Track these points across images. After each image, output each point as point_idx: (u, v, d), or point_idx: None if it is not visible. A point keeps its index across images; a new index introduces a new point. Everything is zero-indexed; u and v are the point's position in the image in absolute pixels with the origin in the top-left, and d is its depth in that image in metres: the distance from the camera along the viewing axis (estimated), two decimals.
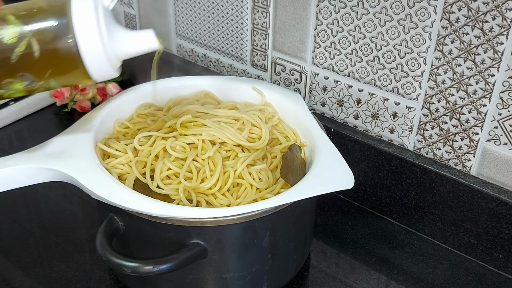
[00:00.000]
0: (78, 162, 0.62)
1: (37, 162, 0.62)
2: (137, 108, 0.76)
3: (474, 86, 0.69)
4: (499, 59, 0.66)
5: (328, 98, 0.83)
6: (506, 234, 0.71)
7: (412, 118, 0.76)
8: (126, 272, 0.56)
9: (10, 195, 0.65)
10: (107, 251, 0.57)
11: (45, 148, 0.64)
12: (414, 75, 0.73)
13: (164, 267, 0.56)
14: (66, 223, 0.79)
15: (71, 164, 0.62)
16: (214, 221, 0.57)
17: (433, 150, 0.75)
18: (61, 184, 0.84)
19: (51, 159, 0.62)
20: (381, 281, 0.72)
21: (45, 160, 0.62)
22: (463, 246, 0.75)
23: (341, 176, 0.63)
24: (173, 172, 0.65)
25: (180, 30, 0.97)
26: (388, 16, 0.72)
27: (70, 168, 0.61)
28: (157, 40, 0.58)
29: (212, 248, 0.60)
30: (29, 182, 0.62)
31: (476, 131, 0.71)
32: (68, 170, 0.61)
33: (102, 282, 0.70)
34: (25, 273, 0.71)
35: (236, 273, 0.63)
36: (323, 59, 0.81)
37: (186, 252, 0.58)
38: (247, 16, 0.86)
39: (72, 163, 0.62)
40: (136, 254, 0.64)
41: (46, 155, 0.63)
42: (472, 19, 0.66)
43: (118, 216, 0.61)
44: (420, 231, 0.79)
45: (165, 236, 0.60)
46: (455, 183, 0.73)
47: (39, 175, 0.62)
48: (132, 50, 0.58)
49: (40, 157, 0.63)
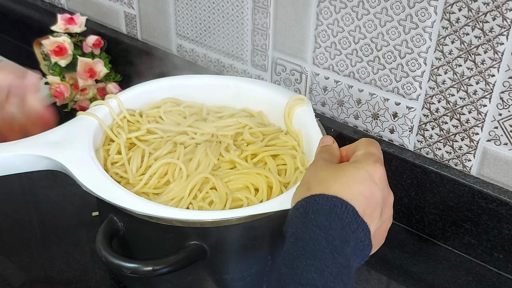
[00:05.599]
0: (74, 153, 0.63)
1: (37, 150, 0.63)
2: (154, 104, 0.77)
3: (474, 86, 0.69)
4: (499, 59, 0.66)
5: (329, 98, 0.83)
6: (506, 234, 0.71)
7: (413, 118, 0.76)
8: (126, 273, 0.56)
9: (10, 195, 0.65)
10: (107, 252, 0.57)
11: (47, 137, 0.65)
12: (415, 75, 0.73)
13: (164, 268, 0.56)
14: (66, 223, 0.78)
15: (67, 155, 0.63)
16: (213, 222, 0.57)
17: (434, 150, 0.75)
18: (61, 184, 0.84)
19: (50, 148, 0.63)
20: (381, 281, 0.72)
21: (45, 149, 0.63)
22: (463, 246, 0.75)
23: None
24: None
25: (180, 30, 0.97)
26: (389, 16, 0.72)
27: (66, 159, 0.62)
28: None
29: (212, 249, 0.60)
30: (28, 169, 0.64)
31: (476, 131, 0.71)
32: (63, 161, 0.62)
33: (102, 282, 0.70)
34: (25, 273, 0.71)
35: (236, 274, 0.62)
36: (324, 59, 0.81)
37: (186, 253, 0.58)
38: (248, 16, 0.86)
39: (68, 154, 0.63)
40: (135, 255, 0.64)
41: (47, 144, 0.64)
42: (473, 20, 0.66)
43: (118, 217, 0.61)
44: (420, 231, 0.79)
45: (165, 237, 0.60)
46: (455, 183, 0.73)
47: (37, 163, 0.63)
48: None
49: (40, 145, 0.64)
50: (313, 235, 0.46)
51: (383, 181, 0.52)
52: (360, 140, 0.56)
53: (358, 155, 0.54)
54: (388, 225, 0.54)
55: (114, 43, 1.02)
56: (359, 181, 0.50)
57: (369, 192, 0.50)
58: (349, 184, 0.49)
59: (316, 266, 0.44)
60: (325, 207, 0.48)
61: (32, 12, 1.17)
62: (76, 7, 1.11)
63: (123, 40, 1.04)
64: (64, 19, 0.96)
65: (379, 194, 0.50)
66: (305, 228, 0.47)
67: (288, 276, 0.44)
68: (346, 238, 0.47)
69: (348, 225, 0.47)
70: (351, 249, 0.47)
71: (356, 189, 0.49)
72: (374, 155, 0.53)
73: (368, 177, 0.50)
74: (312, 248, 0.45)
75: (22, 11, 1.19)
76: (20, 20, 1.20)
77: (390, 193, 0.53)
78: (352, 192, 0.49)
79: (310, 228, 0.47)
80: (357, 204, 0.48)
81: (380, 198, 0.51)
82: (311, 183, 0.51)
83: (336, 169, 0.51)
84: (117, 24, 1.06)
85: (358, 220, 0.48)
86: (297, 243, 0.46)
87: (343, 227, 0.47)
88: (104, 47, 0.99)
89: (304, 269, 0.44)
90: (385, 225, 0.53)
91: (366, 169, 0.51)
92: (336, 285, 0.44)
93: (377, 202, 0.50)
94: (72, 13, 0.98)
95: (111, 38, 1.03)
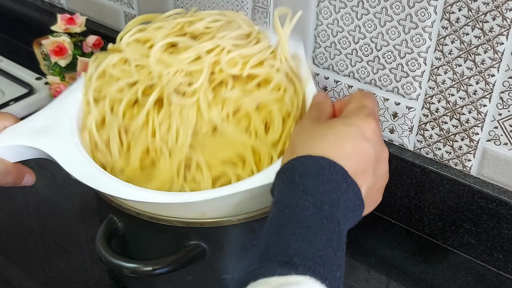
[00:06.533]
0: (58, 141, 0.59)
1: (21, 140, 0.59)
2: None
3: (474, 86, 0.69)
4: (499, 59, 0.66)
5: None
6: (506, 234, 0.70)
7: (412, 118, 0.76)
8: (125, 273, 0.56)
9: (10, 195, 0.65)
10: (106, 252, 0.57)
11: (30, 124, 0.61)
12: (414, 75, 0.73)
13: (163, 268, 0.56)
14: (66, 223, 0.79)
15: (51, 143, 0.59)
16: (213, 222, 0.57)
17: (433, 150, 0.75)
18: (61, 184, 0.84)
19: (33, 136, 0.60)
20: (381, 281, 0.72)
21: (29, 138, 0.59)
22: (462, 246, 0.75)
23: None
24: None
25: None
26: (388, 16, 0.72)
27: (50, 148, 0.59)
28: None
29: (212, 249, 0.60)
30: (17, 159, 0.60)
31: (476, 131, 0.71)
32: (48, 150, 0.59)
33: (102, 282, 0.70)
34: (25, 273, 0.71)
35: (236, 274, 0.62)
36: (323, 59, 0.81)
37: (185, 253, 0.58)
38: (248, 16, 0.86)
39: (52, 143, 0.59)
40: (135, 254, 0.64)
41: (30, 132, 0.60)
42: (472, 19, 0.66)
43: (118, 217, 0.61)
44: (420, 231, 0.79)
45: (164, 237, 0.60)
46: (455, 183, 0.72)
47: (25, 153, 0.60)
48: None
49: (24, 134, 0.60)
50: (300, 201, 0.43)
51: (375, 136, 0.48)
52: (355, 92, 0.52)
53: (349, 109, 0.50)
54: (385, 181, 0.51)
55: (114, 43, 1.02)
56: (349, 139, 0.46)
57: (360, 149, 0.46)
58: (337, 142, 0.46)
59: (303, 234, 0.41)
60: (312, 169, 0.44)
61: (32, 12, 1.17)
62: (76, 7, 1.11)
63: None
64: (64, 19, 0.96)
65: (371, 151, 0.47)
66: (291, 193, 0.44)
67: (275, 246, 0.41)
68: (336, 201, 0.44)
69: (337, 187, 0.44)
70: (341, 211, 0.44)
71: (346, 148, 0.45)
72: (366, 108, 0.49)
73: (359, 133, 0.46)
74: (299, 215, 0.42)
75: (22, 10, 1.19)
76: (20, 19, 1.20)
77: (385, 148, 0.49)
78: (341, 151, 0.45)
79: (296, 194, 0.44)
80: (347, 163, 0.45)
81: (373, 155, 0.47)
82: (296, 144, 0.47)
83: (323, 127, 0.47)
84: (117, 24, 1.06)
85: (348, 180, 0.44)
86: (283, 210, 0.43)
87: (332, 190, 0.44)
88: (104, 47, 0.99)
89: (291, 238, 0.41)
90: (380, 182, 0.50)
91: (357, 125, 0.47)
92: (325, 253, 0.41)
93: (369, 159, 0.46)
94: (72, 13, 0.98)
95: (111, 38, 1.03)
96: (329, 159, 0.45)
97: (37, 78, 1.05)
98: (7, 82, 1.06)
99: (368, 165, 0.47)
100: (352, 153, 0.45)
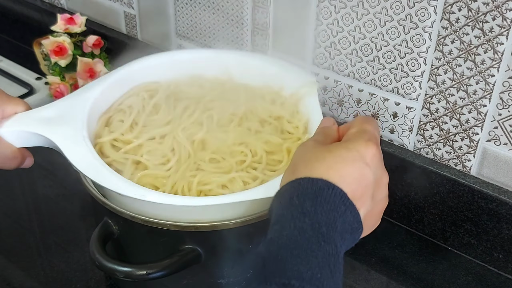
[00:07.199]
0: (66, 131, 0.61)
1: (30, 127, 0.61)
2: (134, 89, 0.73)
3: (474, 86, 0.69)
4: (499, 60, 0.66)
5: (328, 98, 0.83)
6: (506, 234, 0.71)
7: (412, 118, 0.76)
8: (119, 276, 0.55)
9: (10, 195, 0.65)
10: (100, 256, 0.56)
11: (42, 113, 0.63)
12: (414, 75, 0.73)
13: (157, 272, 0.56)
14: (66, 223, 0.78)
15: (60, 133, 0.61)
16: (208, 226, 0.57)
17: (433, 150, 0.75)
18: (61, 184, 0.84)
19: (43, 125, 0.61)
20: (381, 281, 0.72)
21: (38, 126, 0.61)
22: (462, 246, 0.75)
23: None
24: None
25: (180, 30, 0.97)
26: (388, 16, 0.72)
27: (57, 137, 0.60)
28: None
29: (207, 253, 0.59)
30: (21, 145, 0.62)
31: (476, 131, 0.71)
32: (55, 139, 0.60)
33: (102, 282, 0.70)
34: (25, 273, 0.71)
35: (231, 278, 0.62)
36: (323, 59, 0.81)
37: (180, 257, 0.58)
38: (248, 16, 0.86)
39: (61, 133, 0.61)
40: (130, 258, 0.63)
41: (41, 120, 0.62)
42: (472, 20, 0.66)
43: (113, 220, 0.61)
44: (420, 231, 0.79)
45: (159, 241, 0.59)
46: (455, 183, 0.72)
47: (31, 140, 0.61)
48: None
49: (35, 122, 0.62)
50: (298, 223, 0.44)
51: (375, 161, 0.48)
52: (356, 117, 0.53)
53: (350, 133, 0.50)
54: (383, 206, 0.51)
55: (114, 43, 1.02)
56: (348, 163, 0.46)
57: (359, 173, 0.46)
58: (337, 166, 0.46)
59: (302, 257, 0.42)
60: (310, 191, 0.45)
61: (32, 12, 1.17)
62: (76, 7, 1.11)
63: (123, 40, 1.04)
64: (64, 19, 0.96)
65: (370, 175, 0.47)
66: (289, 215, 0.44)
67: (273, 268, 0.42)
68: (333, 222, 0.44)
69: (334, 208, 0.44)
70: (338, 233, 0.44)
71: (345, 171, 0.46)
72: (367, 133, 0.49)
73: (359, 158, 0.47)
74: (298, 238, 0.43)
75: (22, 11, 1.19)
76: (20, 20, 1.20)
77: (385, 173, 0.50)
78: (340, 174, 0.46)
79: (295, 216, 0.44)
80: (346, 186, 0.45)
81: (372, 180, 0.47)
82: (297, 165, 0.48)
83: (324, 150, 0.48)
84: (117, 24, 1.06)
85: (346, 202, 0.45)
86: (281, 231, 0.44)
87: (329, 211, 0.44)
88: (104, 47, 0.99)
89: (290, 261, 0.42)
90: (379, 207, 0.50)
91: (357, 149, 0.47)
92: (323, 275, 0.41)
93: (368, 183, 0.47)
94: (72, 13, 0.98)
95: (111, 38, 1.03)
96: (327, 181, 0.45)
97: (37, 78, 1.05)
98: (7, 82, 1.06)
99: (367, 189, 0.47)
100: (352, 177, 0.46)
